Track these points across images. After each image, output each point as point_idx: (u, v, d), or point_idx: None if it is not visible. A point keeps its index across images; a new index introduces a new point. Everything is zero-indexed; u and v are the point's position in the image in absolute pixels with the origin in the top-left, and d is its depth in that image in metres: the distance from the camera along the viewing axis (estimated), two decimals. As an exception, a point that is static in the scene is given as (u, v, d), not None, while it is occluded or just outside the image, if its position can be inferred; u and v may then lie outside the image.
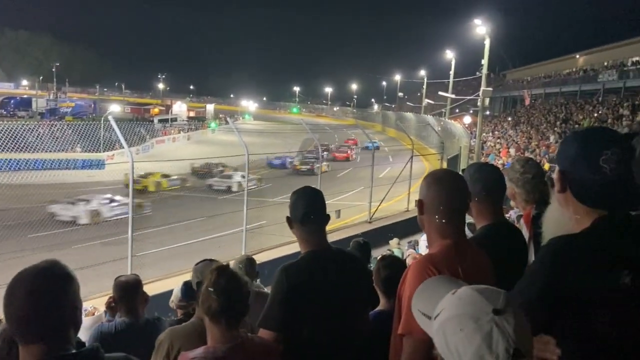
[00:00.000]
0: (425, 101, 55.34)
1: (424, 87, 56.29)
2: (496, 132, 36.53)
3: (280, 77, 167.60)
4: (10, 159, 17.54)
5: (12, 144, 14.37)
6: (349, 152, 37.60)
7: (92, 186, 18.52)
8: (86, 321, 6.38)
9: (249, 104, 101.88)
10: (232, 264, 3.51)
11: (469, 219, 2.05)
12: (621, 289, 1.30)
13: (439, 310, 1.09)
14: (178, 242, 11.77)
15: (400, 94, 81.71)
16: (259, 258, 10.26)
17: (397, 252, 8.59)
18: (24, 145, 16.95)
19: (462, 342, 1.01)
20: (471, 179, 2.21)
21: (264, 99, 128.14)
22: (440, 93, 42.54)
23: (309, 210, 2.23)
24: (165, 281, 8.55)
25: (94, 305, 7.05)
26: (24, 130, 17.95)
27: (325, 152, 27.60)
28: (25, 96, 71.10)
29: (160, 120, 51.91)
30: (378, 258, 3.57)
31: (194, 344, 1.97)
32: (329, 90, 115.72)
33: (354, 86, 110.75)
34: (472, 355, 0.99)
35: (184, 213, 15.19)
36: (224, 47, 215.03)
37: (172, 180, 21.29)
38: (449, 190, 1.75)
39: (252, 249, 10.64)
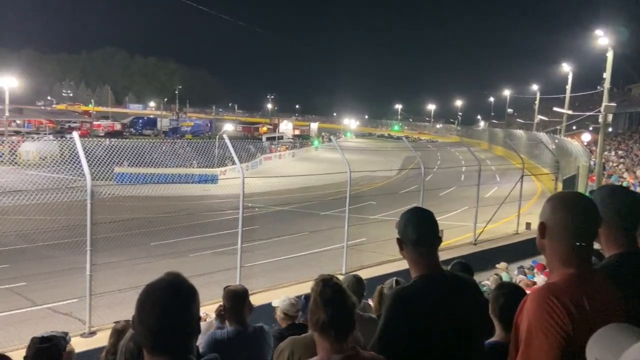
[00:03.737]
0: (538, 117, 52.06)
1: (537, 102, 53.02)
2: (620, 151, 33.28)
3: (383, 95, 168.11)
4: (138, 173, 19.50)
5: (139, 159, 16.01)
6: None
7: (207, 199, 19.95)
8: (199, 326, 6.87)
9: (351, 122, 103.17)
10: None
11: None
12: None
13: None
14: (283, 255, 12.23)
15: (510, 110, 77.58)
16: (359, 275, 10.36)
17: (505, 277, 8.18)
18: (149, 161, 18.79)
19: None
20: (602, 203, 1.98)
21: (366, 117, 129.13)
22: (556, 109, 39.79)
23: (422, 232, 2.14)
24: (270, 292, 8.91)
25: (206, 312, 7.56)
26: (150, 147, 19.90)
27: None
28: (151, 116, 78.78)
29: (268, 138, 54.65)
30: (496, 285, 3.35)
31: (313, 355, 1.99)
32: (432, 107, 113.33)
33: (459, 102, 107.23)
34: None
35: (289, 227, 15.75)
36: (328, 68, 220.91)
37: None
38: (578, 216, 1.61)
39: (352, 265, 10.73)
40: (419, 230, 2.13)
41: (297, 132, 74.32)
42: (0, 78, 40.53)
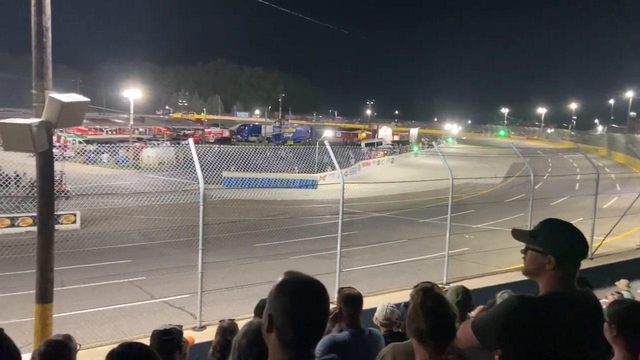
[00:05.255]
0: (667, 121, 46.67)
1: (666, 104, 47.58)
2: None
3: (487, 99, 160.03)
4: (243, 178, 20.60)
5: (245, 164, 16.91)
6: None
7: (307, 204, 20.48)
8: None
9: (452, 127, 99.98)
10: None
11: None
12: None
13: None
14: (381, 261, 12.18)
15: (633, 113, 70.31)
16: (461, 286, 10.00)
17: (626, 296, 7.44)
18: (254, 166, 19.75)
19: None
20: None
21: (469, 122, 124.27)
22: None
23: (581, 250, 1.96)
24: (368, 298, 8.89)
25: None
26: (255, 153, 20.94)
27: None
28: (256, 123, 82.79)
29: (366, 144, 54.72)
30: (613, 302, 3.04)
31: None
32: (542, 111, 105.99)
33: (573, 106, 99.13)
34: None
35: (387, 234, 15.65)
36: (429, 72, 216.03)
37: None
38: None
39: (453, 275, 10.39)
40: (579, 248, 1.97)
41: (396, 137, 73.61)
42: (126, 90, 45.09)
